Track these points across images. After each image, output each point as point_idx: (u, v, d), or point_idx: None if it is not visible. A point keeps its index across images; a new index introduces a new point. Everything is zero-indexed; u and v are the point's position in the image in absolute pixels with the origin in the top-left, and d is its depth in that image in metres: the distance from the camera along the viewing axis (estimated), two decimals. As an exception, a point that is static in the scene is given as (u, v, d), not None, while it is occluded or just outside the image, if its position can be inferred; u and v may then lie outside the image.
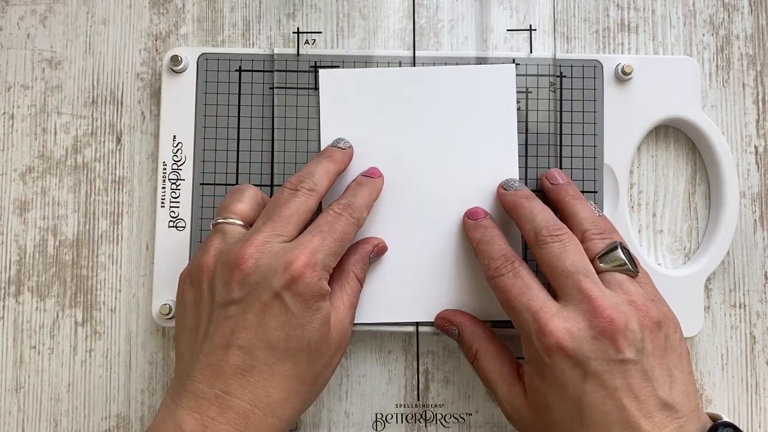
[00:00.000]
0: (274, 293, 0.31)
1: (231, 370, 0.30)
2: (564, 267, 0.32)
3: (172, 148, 0.40)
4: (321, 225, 0.33)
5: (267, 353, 0.31)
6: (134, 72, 0.41)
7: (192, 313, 0.33)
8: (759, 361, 0.40)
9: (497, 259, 0.34)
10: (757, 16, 0.42)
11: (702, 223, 0.41)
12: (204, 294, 0.32)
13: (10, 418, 0.40)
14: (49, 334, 0.40)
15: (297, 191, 0.34)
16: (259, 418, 0.30)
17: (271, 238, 0.32)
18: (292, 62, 0.40)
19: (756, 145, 0.41)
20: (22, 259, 0.40)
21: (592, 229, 0.35)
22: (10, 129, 0.41)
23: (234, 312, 0.31)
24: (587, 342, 0.30)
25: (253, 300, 0.31)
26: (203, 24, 0.42)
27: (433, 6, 0.42)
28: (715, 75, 0.41)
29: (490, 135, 0.39)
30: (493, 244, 0.35)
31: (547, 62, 0.40)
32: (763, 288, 0.41)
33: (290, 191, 0.34)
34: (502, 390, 0.34)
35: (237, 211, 0.35)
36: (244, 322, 0.31)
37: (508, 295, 0.33)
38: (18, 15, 0.42)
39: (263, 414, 0.30)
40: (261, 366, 0.31)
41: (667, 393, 0.30)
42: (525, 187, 0.37)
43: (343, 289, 0.35)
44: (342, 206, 0.35)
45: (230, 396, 0.30)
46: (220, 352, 0.31)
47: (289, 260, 0.31)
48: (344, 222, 0.34)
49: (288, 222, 0.33)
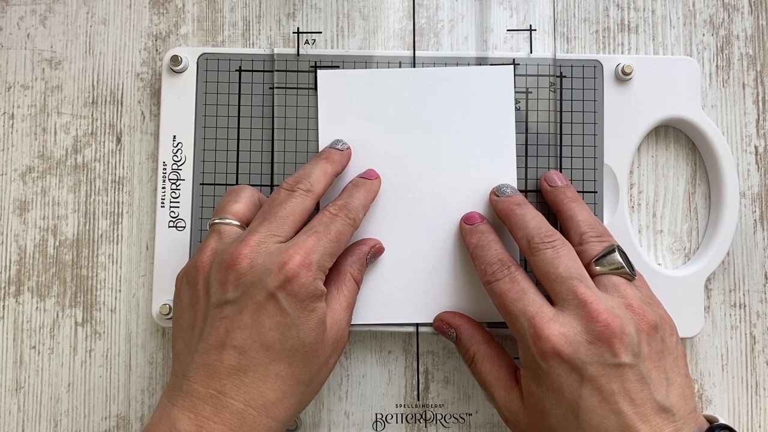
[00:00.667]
0: (269, 293, 0.31)
1: (226, 370, 0.30)
2: (558, 273, 0.32)
3: (172, 148, 0.40)
4: (316, 226, 0.33)
5: (262, 353, 0.31)
6: (134, 72, 0.41)
7: (188, 313, 0.33)
8: (759, 361, 0.40)
9: (493, 264, 0.34)
10: (757, 16, 0.42)
11: (702, 223, 0.41)
12: (200, 294, 0.33)
13: (10, 418, 0.40)
14: (49, 334, 0.40)
15: (293, 192, 0.34)
16: (254, 419, 0.30)
17: (266, 238, 0.32)
18: (292, 62, 0.40)
19: (756, 145, 0.41)
20: (22, 259, 0.40)
21: (589, 231, 0.35)
22: (10, 129, 0.41)
23: (229, 312, 0.31)
24: (583, 347, 0.30)
25: (247, 300, 0.31)
26: (203, 24, 0.42)
27: (433, 6, 0.42)
28: (715, 75, 0.41)
29: (488, 136, 0.39)
30: (489, 249, 0.35)
31: (547, 62, 0.40)
32: (763, 288, 0.41)
33: (287, 192, 0.34)
34: (499, 394, 0.34)
35: (233, 212, 0.35)
36: (239, 322, 0.31)
37: (504, 300, 0.33)
38: (18, 15, 0.42)
39: (258, 414, 0.30)
40: (256, 366, 0.31)
41: (664, 396, 0.30)
42: (518, 193, 0.37)
43: (340, 290, 0.35)
44: (338, 207, 0.35)
45: (225, 396, 0.30)
46: (215, 352, 0.31)
47: (283, 260, 0.31)
48: (340, 223, 0.34)
49: (284, 222, 0.33)
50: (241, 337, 0.31)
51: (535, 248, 0.34)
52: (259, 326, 0.31)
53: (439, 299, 0.38)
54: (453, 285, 0.38)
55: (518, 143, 0.39)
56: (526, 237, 0.34)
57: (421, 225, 0.39)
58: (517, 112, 0.40)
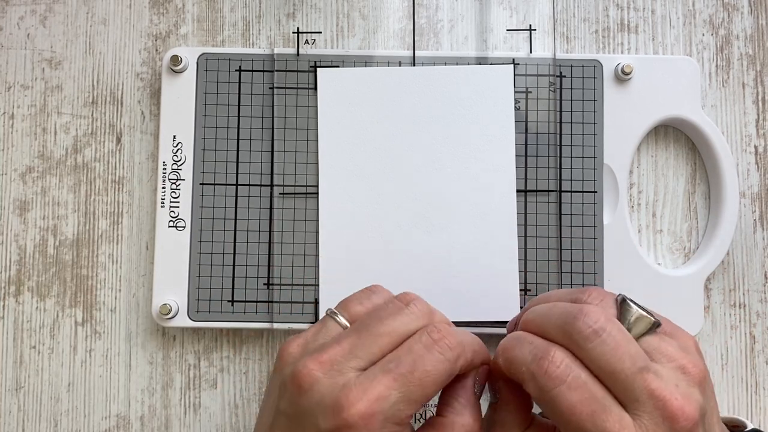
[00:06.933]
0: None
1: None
2: (624, 368, 0.26)
3: (172, 148, 0.40)
4: (399, 358, 0.26)
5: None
6: (134, 72, 0.41)
7: (267, 392, 0.30)
8: (759, 361, 0.40)
9: (535, 361, 0.26)
10: (757, 16, 0.42)
11: (702, 223, 0.41)
12: (274, 383, 0.29)
13: (10, 418, 0.40)
14: (49, 334, 0.40)
15: (404, 309, 0.28)
16: None
17: (344, 357, 0.27)
18: (291, 62, 0.40)
19: (756, 145, 0.41)
20: (22, 259, 0.40)
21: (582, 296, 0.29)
22: (10, 129, 0.41)
23: (281, 425, 0.27)
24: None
25: (296, 428, 0.27)
26: (203, 24, 0.42)
27: (433, 6, 0.42)
28: (715, 75, 0.41)
29: (487, 136, 0.39)
30: (522, 344, 0.28)
31: (546, 62, 0.40)
32: (763, 288, 0.41)
33: (395, 305, 0.28)
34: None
35: (352, 312, 0.30)
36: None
37: (574, 416, 0.25)
38: (18, 15, 0.42)
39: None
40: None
41: None
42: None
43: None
44: (437, 334, 0.27)
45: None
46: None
47: (341, 404, 0.25)
48: (435, 359, 0.26)
49: (375, 342, 0.27)
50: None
51: (585, 339, 0.26)
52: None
53: (439, 299, 0.38)
54: (453, 284, 0.38)
55: (518, 143, 0.39)
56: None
57: (420, 225, 0.39)
58: (517, 111, 0.40)
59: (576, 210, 0.39)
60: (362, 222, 0.39)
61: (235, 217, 0.39)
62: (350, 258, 0.39)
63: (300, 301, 0.39)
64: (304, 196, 0.40)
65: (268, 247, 0.39)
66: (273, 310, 0.39)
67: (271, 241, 0.39)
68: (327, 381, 0.26)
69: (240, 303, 0.39)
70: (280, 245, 0.39)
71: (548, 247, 0.39)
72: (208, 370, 0.40)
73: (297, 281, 0.39)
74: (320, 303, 0.39)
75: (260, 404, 0.32)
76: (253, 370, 0.40)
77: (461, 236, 0.38)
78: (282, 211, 0.39)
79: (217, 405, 0.40)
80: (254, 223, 0.39)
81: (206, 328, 0.39)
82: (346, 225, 0.39)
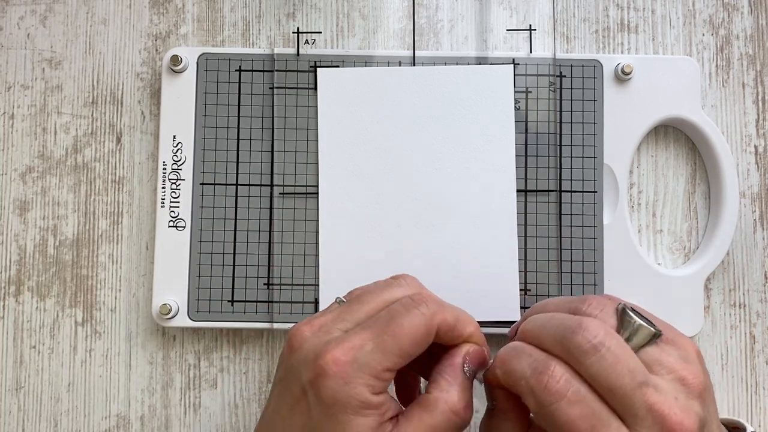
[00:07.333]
0: (302, 387, 0.27)
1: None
2: (623, 384, 0.25)
3: (172, 148, 0.40)
4: (380, 315, 0.27)
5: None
6: (134, 72, 0.41)
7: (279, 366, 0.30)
8: (759, 361, 0.40)
9: (530, 375, 0.26)
10: (757, 16, 0.42)
11: (702, 223, 0.41)
12: (283, 355, 0.29)
13: (10, 418, 0.40)
14: (49, 333, 0.40)
15: (396, 279, 0.30)
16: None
17: (332, 322, 0.28)
18: (291, 62, 0.40)
19: (756, 144, 0.41)
20: (22, 259, 0.40)
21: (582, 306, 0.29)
22: (10, 129, 0.41)
23: (276, 394, 0.28)
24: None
25: (286, 389, 0.28)
26: (203, 24, 0.42)
27: (433, 6, 0.42)
28: (714, 75, 0.41)
29: (487, 136, 0.39)
30: (520, 356, 0.27)
31: (546, 62, 0.40)
32: (762, 288, 0.41)
33: (386, 281, 0.30)
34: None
35: (354, 293, 0.31)
36: (279, 412, 0.28)
37: (574, 431, 0.25)
38: (18, 15, 0.42)
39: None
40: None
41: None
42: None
43: (422, 417, 0.27)
44: (417, 296, 0.28)
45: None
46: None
47: (319, 354, 0.26)
48: (410, 314, 0.27)
49: (361, 308, 0.28)
50: (281, 429, 0.28)
51: (584, 354, 0.26)
52: (291, 427, 0.27)
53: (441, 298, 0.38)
54: (453, 284, 0.38)
55: (518, 143, 0.39)
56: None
57: (420, 225, 0.39)
58: (517, 111, 0.40)
59: (576, 210, 0.39)
60: (362, 222, 0.39)
61: (235, 217, 0.39)
62: (350, 258, 0.39)
63: (300, 301, 0.39)
64: (304, 196, 0.40)
65: (268, 247, 0.39)
66: (273, 310, 0.39)
67: (271, 241, 0.39)
68: (314, 339, 0.27)
69: (240, 303, 0.39)
70: (280, 245, 0.39)
71: (548, 247, 0.39)
72: (208, 370, 0.40)
73: (297, 281, 0.39)
74: (320, 303, 0.39)
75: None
76: (253, 370, 0.40)
77: (461, 236, 0.38)
78: (282, 211, 0.39)
79: (217, 405, 0.40)
80: (254, 223, 0.39)
81: (206, 328, 0.39)
82: (346, 225, 0.39)
